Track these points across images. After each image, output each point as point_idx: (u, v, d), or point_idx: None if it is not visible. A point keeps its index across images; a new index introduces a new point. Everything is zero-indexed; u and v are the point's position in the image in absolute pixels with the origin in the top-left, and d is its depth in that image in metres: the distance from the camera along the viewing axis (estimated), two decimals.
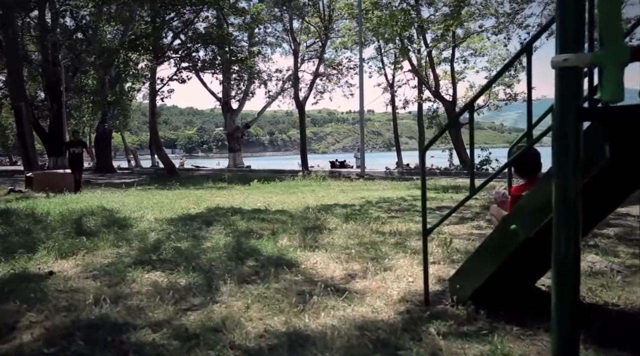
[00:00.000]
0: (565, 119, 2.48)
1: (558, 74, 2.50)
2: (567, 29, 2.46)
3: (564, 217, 2.48)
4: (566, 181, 2.47)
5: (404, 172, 25.17)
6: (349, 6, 23.20)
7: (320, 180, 15.39)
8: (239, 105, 34.94)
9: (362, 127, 20.61)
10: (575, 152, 2.47)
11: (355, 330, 3.07)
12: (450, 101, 25.83)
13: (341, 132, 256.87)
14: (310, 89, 23.41)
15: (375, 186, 13.44)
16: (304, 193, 10.98)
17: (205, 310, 3.50)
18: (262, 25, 26.21)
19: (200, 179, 19.57)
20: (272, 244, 5.39)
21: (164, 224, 6.58)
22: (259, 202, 8.94)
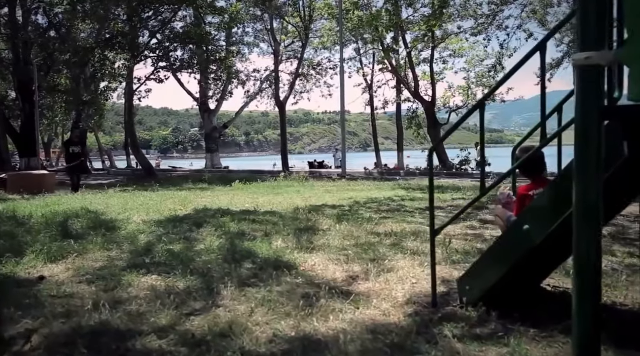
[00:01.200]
0: (587, 118, 2.45)
1: (579, 72, 2.47)
2: (589, 27, 2.43)
3: (585, 217, 2.45)
4: (588, 181, 2.44)
5: (384, 172, 25.26)
6: (329, 6, 23.17)
7: (303, 180, 15.32)
8: (216, 106, 34.68)
9: (343, 128, 20.60)
10: (597, 152, 2.44)
11: (368, 334, 3.01)
12: (429, 102, 25.99)
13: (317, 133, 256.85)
14: (291, 89, 23.31)
15: (359, 186, 13.41)
16: (289, 194, 10.89)
17: (209, 314, 3.40)
18: (241, 24, 26.00)
19: (179, 180, 19.34)
20: (267, 246, 5.30)
21: (152, 226, 6.43)
22: (246, 203, 8.82)
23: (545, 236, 2.99)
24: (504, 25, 23.05)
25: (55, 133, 54.03)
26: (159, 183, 16.58)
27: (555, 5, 23.73)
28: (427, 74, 26.55)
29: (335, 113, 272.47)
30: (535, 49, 2.90)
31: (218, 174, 22.90)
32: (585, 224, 2.44)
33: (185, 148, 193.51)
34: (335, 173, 21.70)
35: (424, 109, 26.52)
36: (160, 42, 25.39)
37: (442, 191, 11.10)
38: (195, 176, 21.45)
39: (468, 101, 26.91)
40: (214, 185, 14.91)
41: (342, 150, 20.57)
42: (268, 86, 34.47)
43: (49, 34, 28.19)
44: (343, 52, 21.59)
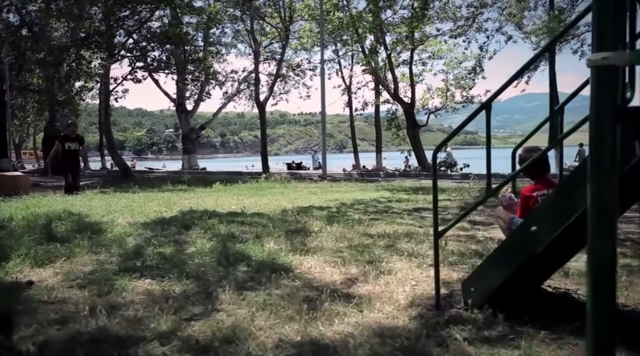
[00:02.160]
0: (602, 120, 2.43)
1: (595, 72, 2.45)
2: (606, 26, 2.41)
3: (600, 219, 2.43)
4: (602, 183, 2.42)
5: (364, 173, 25.31)
6: (309, 7, 23.12)
7: (285, 182, 15.24)
8: (194, 107, 34.37)
9: (323, 129, 20.56)
10: (612, 153, 2.43)
11: (375, 338, 2.96)
12: (409, 103, 26.12)
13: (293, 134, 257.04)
14: (270, 90, 23.22)
15: (342, 188, 13.38)
16: (274, 195, 10.81)
17: (209, 319, 3.31)
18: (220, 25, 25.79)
19: (157, 181, 19.06)
20: (259, 248, 5.22)
21: (139, 228, 6.30)
22: (232, 204, 8.72)
23: (552, 238, 2.98)
24: (484, 27, 23.34)
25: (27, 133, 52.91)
26: (137, 184, 16.30)
27: (531, 8, 24.11)
28: (406, 76, 26.70)
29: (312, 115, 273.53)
30: (544, 50, 2.90)
31: (197, 175, 22.67)
32: (600, 226, 2.42)
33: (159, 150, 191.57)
34: (316, 175, 21.66)
35: (403, 111, 26.65)
36: (136, 41, 25.06)
37: (427, 192, 11.14)
38: (174, 177, 21.19)
39: (447, 103, 27.14)
40: (193, 187, 14.71)
41: (322, 152, 20.53)
42: (246, 87, 34.38)
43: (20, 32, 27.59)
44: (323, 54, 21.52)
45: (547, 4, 23.58)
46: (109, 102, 24.74)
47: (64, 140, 12.61)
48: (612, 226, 2.43)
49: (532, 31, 23.29)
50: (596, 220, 2.46)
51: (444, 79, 27.32)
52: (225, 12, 26.05)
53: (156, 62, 25.07)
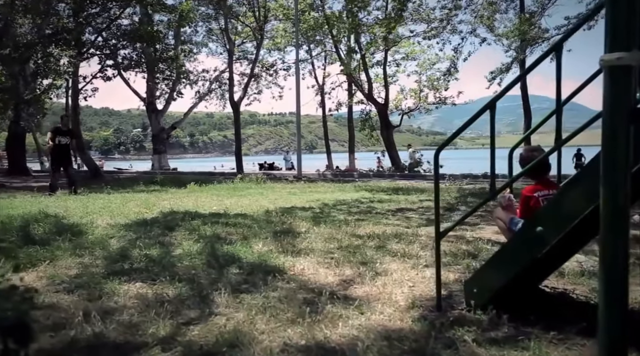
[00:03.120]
0: (615, 121, 2.42)
1: (608, 73, 2.44)
2: (619, 26, 2.41)
3: (613, 220, 2.43)
4: (615, 185, 2.42)
5: (337, 173, 25.31)
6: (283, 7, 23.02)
7: (261, 182, 15.11)
8: (164, 106, 33.88)
9: (298, 129, 20.48)
10: (625, 154, 2.43)
11: (382, 340, 2.92)
12: (382, 104, 26.24)
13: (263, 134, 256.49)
14: (245, 90, 23.01)
15: (319, 188, 13.33)
16: (253, 196, 10.69)
17: (207, 323, 3.22)
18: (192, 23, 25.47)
19: (129, 182, 18.68)
20: (248, 249, 5.13)
21: (121, 230, 6.13)
22: (212, 205, 8.59)
23: (558, 237, 2.98)
24: (458, 29, 23.61)
25: None
26: (109, 185, 15.95)
27: (502, 11, 24.47)
28: (380, 77, 26.82)
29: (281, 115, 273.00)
30: (550, 50, 2.89)
31: (169, 176, 22.31)
32: (612, 226, 2.41)
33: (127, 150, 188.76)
34: (290, 175, 21.57)
35: (377, 111, 26.76)
36: (106, 39, 24.56)
37: (406, 193, 11.18)
38: (145, 177, 20.78)
39: (420, 103, 27.36)
40: (167, 187, 14.45)
41: (297, 152, 20.45)
42: (217, 86, 34.05)
43: None
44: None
45: (518, 7, 24.02)
46: (77, 101, 24.16)
47: (56, 133, 11.97)
48: (624, 226, 2.43)
49: (503, 34, 23.68)
50: (608, 221, 2.45)
51: (417, 80, 27.58)
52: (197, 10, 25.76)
53: (127, 60, 24.61)
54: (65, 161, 12.14)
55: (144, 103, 33.82)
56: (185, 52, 26.28)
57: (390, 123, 26.75)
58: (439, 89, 26.40)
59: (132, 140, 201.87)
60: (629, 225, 2.46)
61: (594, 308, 3.44)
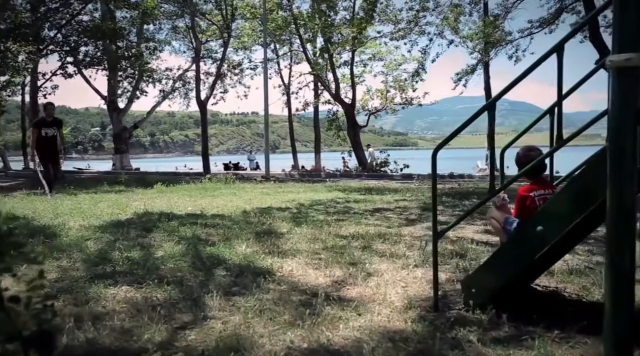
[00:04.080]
0: (622, 121, 2.45)
1: (616, 74, 2.47)
2: (628, 28, 2.44)
3: (619, 221, 2.46)
4: (622, 186, 2.44)
5: (304, 173, 25.26)
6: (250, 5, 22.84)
7: (230, 182, 14.92)
8: (126, 105, 33.16)
9: (266, 129, 20.33)
10: (632, 156, 2.46)
11: (387, 342, 2.89)
12: (349, 104, 26.31)
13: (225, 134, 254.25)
14: (211, 89, 22.70)
15: (291, 188, 13.25)
16: (226, 196, 10.53)
17: (203, 327, 3.14)
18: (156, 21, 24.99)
19: (92, 182, 18.17)
20: (232, 251, 5.04)
21: (96, 232, 5.94)
22: (187, 206, 8.42)
23: (559, 237, 3.01)
24: (426, 31, 23.86)
25: None
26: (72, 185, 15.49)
27: (467, 14, 24.82)
28: (346, 77, 26.88)
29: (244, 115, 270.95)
30: (551, 51, 2.91)
31: (133, 176, 21.83)
32: (619, 226, 2.44)
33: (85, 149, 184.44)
34: (257, 175, 21.40)
35: (344, 111, 26.81)
36: (65, 35, 23.87)
37: (380, 193, 11.20)
38: (108, 178, 20.28)
39: (386, 104, 27.53)
40: (132, 188, 14.09)
41: (265, 152, 20.31)
42: (181, 85, 33.53)
43: None
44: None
45: (482, 10, 24.40)
46: (36, 98, 23.40)
47: (40, 125, 10.69)
48: (631, 226, 2.46)
49: (468, 36, 24.03)
50: (615, 221, 2.48)
51: (384, 81, 27.77)
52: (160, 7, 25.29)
53: (88, 57, 24.00)
54: (53, 156, 10.78)
55: (105, 102, 33.00)
56: (151, 50, 25.76)
57: (357, 123, 26.84)
58: (406, 90, 26.64)
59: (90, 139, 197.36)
60: (635, 224, 2.49)
61: (590, 306, 3.52)
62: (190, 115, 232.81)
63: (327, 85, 26.73)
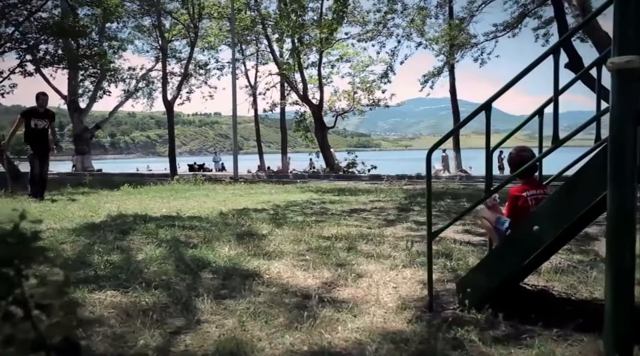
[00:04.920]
0: (623, 123, 2.50)
1: (616, 76, 2.52)
2: (628, 30, 2.48)
3: (619, 222, 2.50)
4: (622, 186, 2.49)
5: (272, 174, 25.15)
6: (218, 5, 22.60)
7: (199, 184, 14.72)
8: (87, 105, 32.43)
9: (234, 130, 20.14)
10: (632, 157, 2.50)
11: (388, 343, 2.87)
12: (317, 105, 26.31)
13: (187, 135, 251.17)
14: (178, 89, 22.36)
15: (262, 189, 13.14)
16: (199, 197, 10.37)
17: (198, 332, 3.06)
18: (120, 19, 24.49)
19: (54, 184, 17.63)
20: (215, 253, 4.96)
21: (71, 235, 5.75)
22: (161, 207, 8.25)
23: (555, 236, 3.05)
24: (395, 33, 24.10)
25: None
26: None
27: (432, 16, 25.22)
28: (314, 78, 26.89)
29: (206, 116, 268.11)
30: (548, 52, 2.95)
31: (97, 177, 21.33)
32: (619, 227, 2.49)
33: None
34: (224, 176, 21.19)
35: (311, 112, 26.81)
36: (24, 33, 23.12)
37: (353, 193, 11.21)
38: (70, 179, 19.76)
39: (353, 105, 27.65)
40: (98, 189, 13.73)
41: (234, 153, 20.12)
42: (145, 85, 32.97)
43: None
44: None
45: (447, 13, 24.82)
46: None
47: (30, 115, 9.55)
48: (631, 227, 2.51)
49: (433, 38, 24.42)
50: (615, 222, 2.52)
51: (351, 82, 27.87)
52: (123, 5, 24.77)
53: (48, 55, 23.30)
54: (43, 151, 9.74)
55: (65, 102, 32.17)
56: (115, 49, 25.22)
57: (325, 124, 26.88)
58: (373, 91, 26.80)
59: None
60: (635, 224, 2.54)
61: (581, 304, 3.58)
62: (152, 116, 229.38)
63: (295, 86, 26.67)
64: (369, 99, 27.17)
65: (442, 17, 25.17)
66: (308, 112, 27.71)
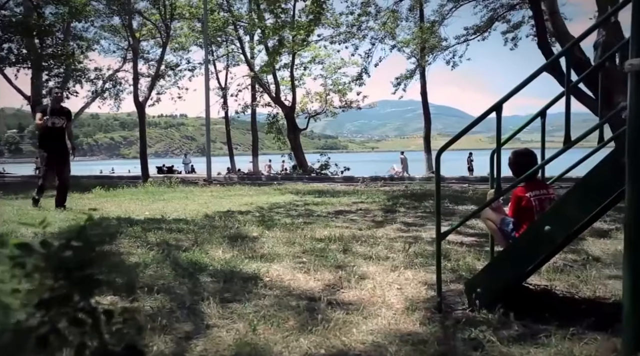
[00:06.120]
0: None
1: (635, 77, 2.57)
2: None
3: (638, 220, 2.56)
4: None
5: (244, 176, 24.97)
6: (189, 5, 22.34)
7: (175, 186, 14.51)
8: None
9: (208, 132, 19.91)
10: None
11: (405, 345, 2.86)
12: (289, 107, 26.25)
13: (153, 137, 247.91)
14: (150, 90, 21.99)
15: (240, 191, 13.03)
16: (178, 200, 10.21)
17: (209, 336, 3.01)
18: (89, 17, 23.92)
19: (20, 187, 17.17)
20: (210, 256, 4.88)
21: (56, 240, 5.57)
22: (144, 210, 8.09)
23: (566, 235, 3.10)
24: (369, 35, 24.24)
25: None
26: None
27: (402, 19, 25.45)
28: (286, 79, 26.83)
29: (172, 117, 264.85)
30: (560, 54, 3.00)
31: None
32: (638, 228, 2.54)
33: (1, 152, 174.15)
34: (198, 179, 20.94)
35: (284, 114, 26.74)
36: None
37: (334, 195, 11.19)
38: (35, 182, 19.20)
39: (325, 107, 27.69)
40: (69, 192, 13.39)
41: (207, 155, 19.88)
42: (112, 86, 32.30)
43: None
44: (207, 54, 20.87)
45: (418, 16, 25.12)
46: None
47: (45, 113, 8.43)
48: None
49: (405, 41, 24.68)
50: (635, 220, 2.57)
51: (323, 84, 27.89)
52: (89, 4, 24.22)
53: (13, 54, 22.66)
54: (61, 152, 8.61)
55: (28, 103, 31.28)
56: (83, 49, 24.65)
57: (297, 126, 26.85)
58: (345, 93, 26.91)
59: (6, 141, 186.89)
60: None
61: (587, 303, 3.63)
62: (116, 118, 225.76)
63: (267, 87, 26.56)
64: (341, 101, 27.28)
65: (413, 20, 25.47)
66: (280, 113, 27.63)
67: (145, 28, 24.37)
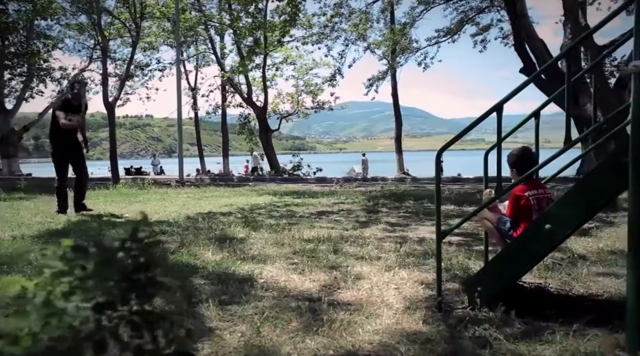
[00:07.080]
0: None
1: (637, 78, 2.64)
2: None
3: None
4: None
5: (215, 177, 24.75)
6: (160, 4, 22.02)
7: (148, 187, 14.28)
8: (15, 105, 30.77)
9: (180, 133, 19.65)
10: None
11: (412, 344, 2.87)
12: (261, 107, 26.13)
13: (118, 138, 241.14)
14: (120, 90, 21.56)
15: (216, 193, 12.90)
16: (155, 201, 10.04)
17: (213, 339, 2.96)
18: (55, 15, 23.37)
19: None
20: (199, 258, 4.81)
21: (36, 243, 5.44)
22: (122, 212, 7.92)
23: (565, 234, 3.15)
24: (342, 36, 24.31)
25: None
26: None
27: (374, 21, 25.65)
28: (257, 80, 26.71)
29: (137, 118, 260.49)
30: (560, 56, 3.05)
31: (30, 182, 20.22)
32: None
33: None
34: (169, 180, 20.64)
35: (255, 115, 26.60)
36: None
37: (312, 196, 11.16)
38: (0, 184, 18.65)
39: (297, 108, 27.66)
40: (36, 195, 12.99)
41: (179, 156, 19.61)
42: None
43: None
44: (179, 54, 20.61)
45: (389, 18, 25.31)
46: None
47: (65, 109, 7.71)
48: None
49: (376, 42, 24.87)
50: (638, 221, 2.63)
51: (295, 85, 27.87)
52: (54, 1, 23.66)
53: None
54: (77, 151, 8.09)
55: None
56: (49, 47, 24.06)
57: (269, 127, 26.75)
58: (317, 94, 26.93)
59: None
60: None
61: (584, 300, 3.70)
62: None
63: (239, 88, 26.37)
64: (313, 102, 27.29)
65: (384, 22, 25.67)
66: (252, 114, 27.47)
67: (113, 27, 23.94)
